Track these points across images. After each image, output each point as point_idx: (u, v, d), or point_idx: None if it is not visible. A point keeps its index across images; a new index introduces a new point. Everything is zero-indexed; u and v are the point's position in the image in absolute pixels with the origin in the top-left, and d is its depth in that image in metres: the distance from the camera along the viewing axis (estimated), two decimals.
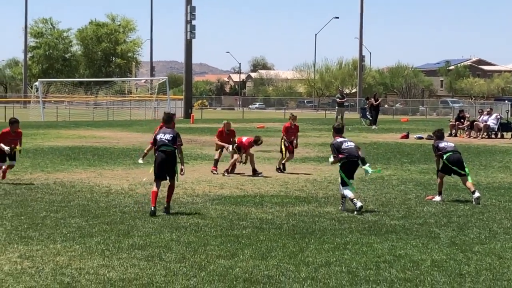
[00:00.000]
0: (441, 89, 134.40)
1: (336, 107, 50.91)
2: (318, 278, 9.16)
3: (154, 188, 13.90)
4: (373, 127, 45.20)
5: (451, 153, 15.68)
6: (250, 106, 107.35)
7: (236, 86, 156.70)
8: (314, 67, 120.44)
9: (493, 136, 37.82)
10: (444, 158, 15.64)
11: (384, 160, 24.27)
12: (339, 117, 48.79)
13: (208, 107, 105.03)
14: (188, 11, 62.67)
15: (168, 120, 14.74)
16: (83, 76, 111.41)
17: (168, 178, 14.01)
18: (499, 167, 22.65)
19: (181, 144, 14.23)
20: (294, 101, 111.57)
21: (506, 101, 75.28)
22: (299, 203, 15.08)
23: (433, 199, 15.51)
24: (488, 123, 37.86)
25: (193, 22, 63.28)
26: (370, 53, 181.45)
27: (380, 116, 50.23)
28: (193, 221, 12.97)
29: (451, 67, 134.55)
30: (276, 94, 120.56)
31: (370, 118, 48.43)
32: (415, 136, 35.92)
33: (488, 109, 41.48)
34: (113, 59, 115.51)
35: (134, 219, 13.18)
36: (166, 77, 73.81)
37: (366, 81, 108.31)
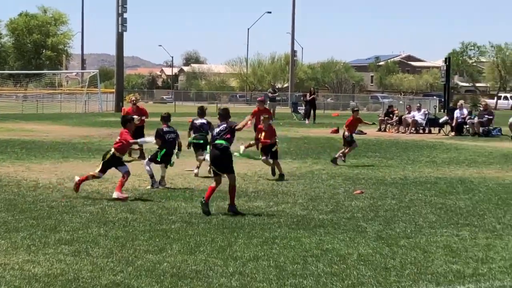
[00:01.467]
0: (372, 84, 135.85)
1: (268, 102, 51.05)
2: (246, 272, 9.20)
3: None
4: (306, 121, 45.46)
5: None
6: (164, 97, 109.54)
7: (169, 80, 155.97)
8: (247, 61, 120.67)
9: (421, 131, 38.40)
10: None
11: (314, 155, 24.45)
12: (271, 111, 48.93)
13: (140, 100, 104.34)
14: (120, 4, 62.07)
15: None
16: (13, 68, 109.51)
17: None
18: (426, 161, 23.01)
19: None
20: (227, 95, 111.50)
21: (435, 97, 76.55)
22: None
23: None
24: (416, 118, 38.42)
25: (125, 15, 62.67)
26: (302, 48, 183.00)
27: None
28: (122, 216, 12.89)
29: (381, 63, 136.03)
30: (208, 88, 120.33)
31: (300, 113, 48.76)
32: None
33: (418, 105, 42.12)
34: (44, 51, 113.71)
35: (61, 213, 13.04)
36: (97, 71, 73.09)
37: (298, 76, 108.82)
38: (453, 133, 36.36)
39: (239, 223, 12.37)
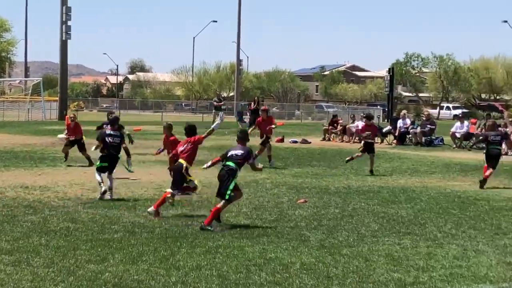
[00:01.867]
0: (317, 93, 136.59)
1: (213, 111, 51.11)
2: (188, 282, 9.18)
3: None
4: (250, 130, 45.51)
5: None
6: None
7: (114, 88, 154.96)
8: (192, 70, 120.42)
9: None
10: None
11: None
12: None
13: (84, 109, 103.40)
14: (64, 11, 61.54)
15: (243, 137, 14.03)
16: None
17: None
18: (369, 171, 23.17)
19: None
20: (172, 104, 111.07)
21: (378, 106, 77.21)
22: (172, 207, 15.03)
23: None
24: (360, 128, 38.67)
25: (69, 23, 62.16)
26: (248, 57, 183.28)
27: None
28: (64, 225, 12.77)
29: (326, 73, 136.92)
30: (153, 97, 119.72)
31: (246, 122, 48.82)
32: (289, 140, 36.40)
33: (362, 115, 42.46)
34: None
35: (2, 223, 12.87)
36: (41, 78, 72.30)
37: (244, 85, 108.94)
38: (396, 143, 36.75)
39: (182, 233, 12.33)
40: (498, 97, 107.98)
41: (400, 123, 37.55)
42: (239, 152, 13.41)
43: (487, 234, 12.73)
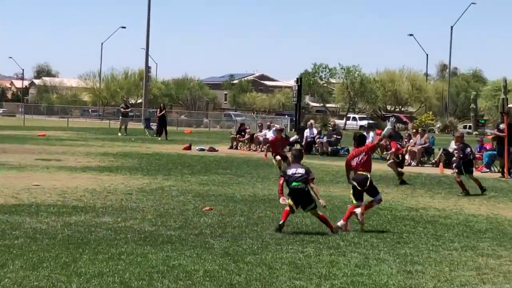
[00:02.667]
0: (225, 102, 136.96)
1: (120, 117, 50.72)
2: None
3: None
4: (159, 138, 45.30)
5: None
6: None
7: (19, 93, 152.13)
8: (100, 76, 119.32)
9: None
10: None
11: (165, 171, 24.37)
12: (123, 127, 48.60)
13: None
14: None
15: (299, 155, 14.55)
16: None
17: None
18: (275, 179, 23.17)
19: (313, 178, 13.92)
20: (79, 109, 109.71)
21: (286, 116, 77.95)
22: (76, 213, 14.84)
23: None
24: (267, 136, 38.92)
25: None
26: (157, 64, 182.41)
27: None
28: None
29: (235, 81, 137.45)
30: (60, 102, 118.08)
31: (153, 129, 48.62)
32: (197, 148, 36.36)
33: (268, 124, 42.74)
34: None
35: None
36: None
37: (152, 92, 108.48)
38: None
39: (85, 239, 12.17)
40: (403, 109, 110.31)
41: (307, 132, 37.96)
42: (301, 170, 13.84)
43: (389, 243, 12.94)
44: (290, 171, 13.84)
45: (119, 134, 47.65)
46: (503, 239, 13.73)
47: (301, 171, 13.76)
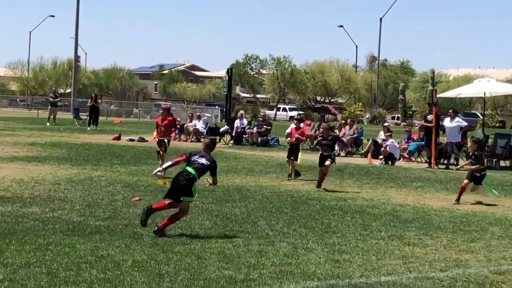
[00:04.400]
0: (155, 92, 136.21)
1: (49, 107, 50.02)
2: (16, 279, 8.95)
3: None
4: (88, 128, 44.83)
5: None
6: None
7: None
8: (28, 65, 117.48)
9: (201, 139, 38.84)
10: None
11: (94, 161, 24.15)
12: (52, 117, 47.98)
13: None
14: None
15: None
16: None
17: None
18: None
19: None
20: (7, 99, 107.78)
21: (217, 107, 77.89)
22: (2, 203, 14.63)
23: None
24: (197, 127, 38.92)
25: None
26: (86, 54, 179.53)
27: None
28: None
29: (165, 71, 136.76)
30: None
31: (82, 119, 48.14)
32: (126, 138, 36.09)
33: (198, 114, 42.69)
34: None
35: None
36: None
37: (81, 81, 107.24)
38: (232, 142, 37.15)
39: (12, 229, 12.02)
40: (332, 100, 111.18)
41: (237, 123, 37.99)
42: (204, 161, 12.68)
43: (317, 233, 13.07)
44: (195, 157, 12.79)
45: (48, 124, 47.02)
46: (429, 228, 13.98)
47: (205, 161, 12.69)
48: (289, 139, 23.19)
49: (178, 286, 9.00)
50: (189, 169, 12.43)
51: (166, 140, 21.81)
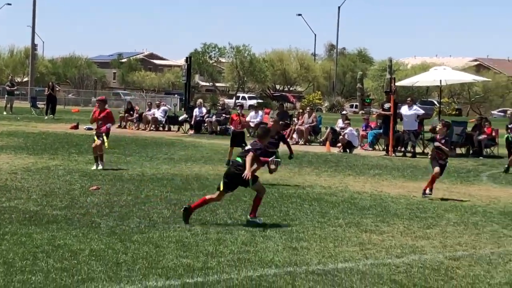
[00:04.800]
0: (114, 81, 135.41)
1: (6, 96, 49.56)
2: None
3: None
4: (46, 117, 44.45)
5: None
6: None
7: None
8: None
9: (160, 128, 38.84)
10: None
11: (52, 151, 23.99)
12: (8, 105, 47.52)
13: None
14: None
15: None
16: None
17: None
18: (164, 158, 23.31)
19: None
20: None
21: (176, 95, 77.72)
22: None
23: None
24: (156, 115, 38.81)
25: None
26: (43, 42, 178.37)
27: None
28: None
29: (124, 60, 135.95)
30: None
31: (39, 108, 47.70)
32: (84, 127, 35.82)
33: (157, 102, 42.57)
34: None
35: None
36: None
37: (39, 70, 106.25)
38: (192, 131, 37.10)
39: None
40: (291, 88, 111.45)
41: (196, 112, 37.94)
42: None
43: (276, 221, 13.11)
44: (248, 147, 13.25)
45: (4, 113, 46.59)
46: (386, 215, 14.10)
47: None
48: (232, 127, 22.62)
49: (135, 275, 8.97)
50: (238, 158, 12.86)
51: (104, 134, 20.18)
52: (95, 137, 20.29)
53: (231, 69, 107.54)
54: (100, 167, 19.45)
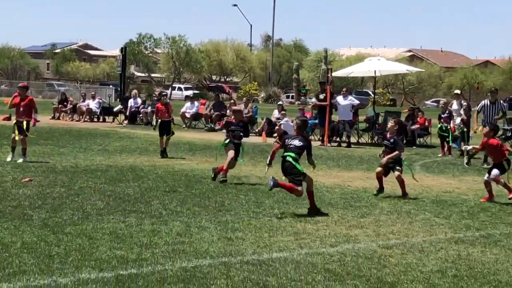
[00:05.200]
0: (48, 72, 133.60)
1: None
2: None
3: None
4: None
5: None
6: None
7: None
8: None
9: (95, 119, 38.49)
10: None
11: None
12: None
13: None
14: None
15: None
16: None
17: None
18: (98, 150, 23.10)
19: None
20: None
21: (111, 86, 77.08)
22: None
23: None
24: (90, 106, 38.45)
25: None
26: None
27: None
28: None
29: (57, 50, 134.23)
30: None
31: None
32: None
33: (93, 93, 42.18)
34: None
35: None
36: None
37: None
38: (126, 122, 36.84)
39: None
40: (228, 79, 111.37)
41: (131, 102, 37.70)
42: (297, 142, 13.38)
43: (211, 211, 13.09)
44: (288, 141, 13.51)
45: None
46: (321, 205, 14.15)
47: (297, 143, 13.35)
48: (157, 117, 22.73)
49: (68, 267, 8.87)
50: (287, 154, 13.20)
51: (25, 122, 19.39)
52: (15, 129, 19.49)
53: (167, 59, 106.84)
54: (20, 160, 18.95)
